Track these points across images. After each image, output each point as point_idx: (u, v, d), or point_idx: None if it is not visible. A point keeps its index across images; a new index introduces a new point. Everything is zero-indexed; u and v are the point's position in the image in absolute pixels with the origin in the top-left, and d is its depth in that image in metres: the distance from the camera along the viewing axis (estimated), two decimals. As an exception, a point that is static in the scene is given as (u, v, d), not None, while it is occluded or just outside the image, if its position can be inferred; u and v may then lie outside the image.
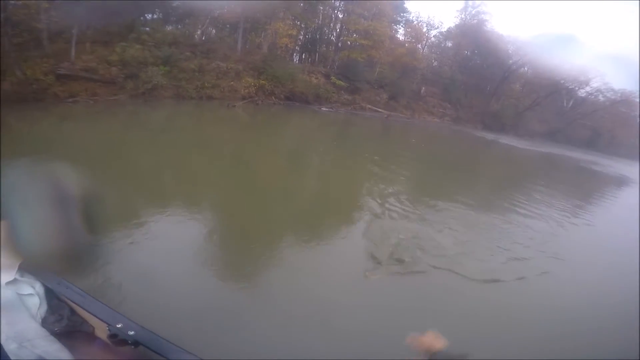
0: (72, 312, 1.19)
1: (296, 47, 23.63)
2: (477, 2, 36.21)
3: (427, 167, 11.85)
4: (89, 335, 1.19)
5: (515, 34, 38.74)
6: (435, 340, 1.09)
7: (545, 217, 7.89)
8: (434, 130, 24.67)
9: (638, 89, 42.07)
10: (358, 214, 6.17)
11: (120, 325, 1.12)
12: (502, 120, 32.93)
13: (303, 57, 24.84)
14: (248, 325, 2.86)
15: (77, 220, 0.95)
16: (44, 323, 1.07)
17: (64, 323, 1.14)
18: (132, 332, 1.10)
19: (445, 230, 5.85)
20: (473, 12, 36.32)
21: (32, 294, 1.09)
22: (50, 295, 1.15)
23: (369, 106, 23.87)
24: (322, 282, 3.82)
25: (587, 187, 16.04)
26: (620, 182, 20.04)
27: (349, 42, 25.79)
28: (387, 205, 6.52)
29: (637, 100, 43.53)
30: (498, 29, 37.65)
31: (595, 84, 39.96)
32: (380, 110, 24.34)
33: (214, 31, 20.18)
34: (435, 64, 33.72)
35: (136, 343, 1.09)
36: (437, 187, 9.02)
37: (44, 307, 1.10)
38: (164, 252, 3.70)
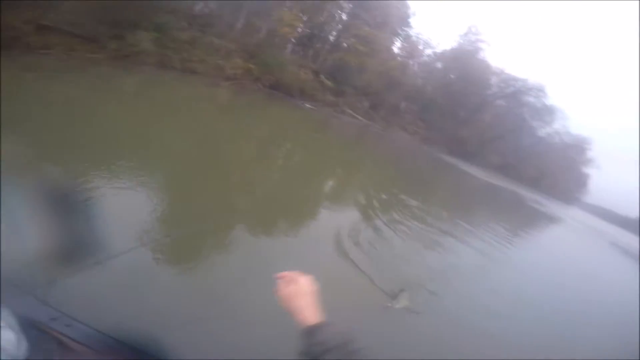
0: (61, 346, 0.88)
1: (292, 39, 23.02)
2: (480, 29, 36.94)
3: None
4: None
5: (502, 66, 39.69)
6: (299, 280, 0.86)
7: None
8: (402, 147, 25.36)
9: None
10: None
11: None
12: (466, 147, 34.32)
13: (296, 50, 24.26)
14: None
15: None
16: None
17: None
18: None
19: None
20: (473, 38, 36.96)
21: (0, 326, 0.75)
22: (27, 324, 0.81)
23: (350, 111, 24.05)
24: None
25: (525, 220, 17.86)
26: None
27: (345, 45, 25.49)
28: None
29: (586, 147, 47.16)
30: (488, 60, 38.62)
31: (556, 125, 42.75)
32: (359, 117, 24.59)
33: (215, 6, 19.15)
34: (420, 82, 34.16)
35: None
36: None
37: (24, 345, 0.77)
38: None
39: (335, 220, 6.18)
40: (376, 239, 5.96)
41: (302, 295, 0.83)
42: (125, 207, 3.85)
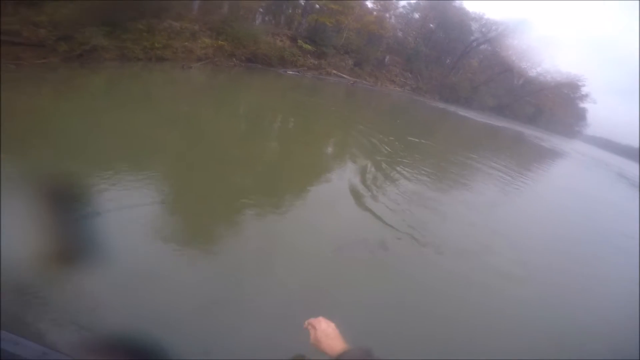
0: None
1: (259, 9, 21.46)
2: None
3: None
4: None
5: (481, 11, 37.66)
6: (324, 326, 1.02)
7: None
8: (396, 98, 24.28)
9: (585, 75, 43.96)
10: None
11: None
12: (458, 92, 33.04)
13: (266, 19, 22.70)
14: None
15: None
16: None
17: None
18: None
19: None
20: None
21: None
22: None
23: (335, 72, 22.74)
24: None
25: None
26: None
27: (317, 6, 23.85)
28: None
29: (580, 84, 45.61)
30: (466, 6, 36.72)
31: (545, 65, 40.98)
32: (345, 76, 23.31)
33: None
34: (400, 34, 32.50)
35: None
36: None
37: None
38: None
39: (347, 172, 6.03)
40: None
41: (327, 336, 0.99)
42: (124, 201, 3.44)
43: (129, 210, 3.28)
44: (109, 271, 2.32)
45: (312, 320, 1.04)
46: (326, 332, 0.99)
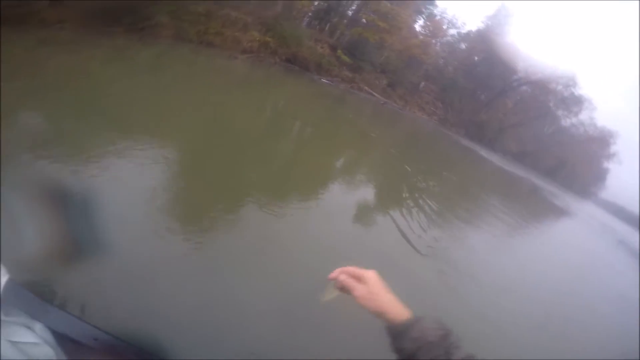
0: (95, 355, 0.82)
1: (309, 13, 21.80)
2: (510, 11, 33.97)
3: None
4: None
5: (530, 51, 36.40)
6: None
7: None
8: (419, 127, 24.32)
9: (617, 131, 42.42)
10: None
11: None
12: (485, 132, 32.64)
13: (313, 23, 23.01)
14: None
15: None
16: None
17: None
18: None
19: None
20: (502, 20, 34.03)
21: (36, 342, 0.66)
22: (63, 340, 0.74)
23: (367, 88, 22.96)
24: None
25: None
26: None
27: (364, 20, 23.99)
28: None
29: (611, 141, 44.01)
30: (516, 44, 35.57)
31: (582, 116, 39.71)
32: (376, 94, 23.50)
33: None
34: (441, 62, 32.22)
35: None
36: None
37: (62, 358, 0.70)
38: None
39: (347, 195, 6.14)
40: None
41: (381, 292, 0.73)
42: (142, 180, 3.65)
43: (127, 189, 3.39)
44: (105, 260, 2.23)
45: (358, 270, 0.75)
46: (380, 287, 0.74)
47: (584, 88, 37.74)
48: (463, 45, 34.55)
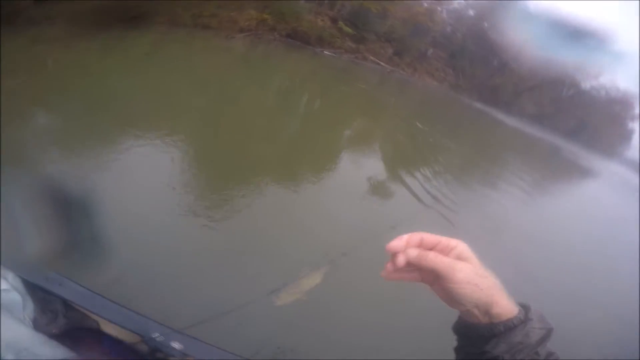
0: (67, 306, 0.90)
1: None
2: None
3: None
4: (94, 332, 0.93)
5: (545, 14, 33.88)
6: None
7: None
8: (431, 92, 23.41)
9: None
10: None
11: (143, 332, 0.90)
12: (500, 95, 31.06)
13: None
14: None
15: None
16: (36, 326, 0.77)
17: (61, 322, 0.86)
18: (156, 335, 0.92)
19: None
20: None
21: (7, 289, 0.74)
22: (34, 289, 0.83)
23: (372, 58, 22.12)
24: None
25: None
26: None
27: (365, -11, 22.88)
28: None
29: (635, 104, 41.14)
30: (532, 6, 33.09)
31: (603, 79, 37.27)
32: (382, 63, 22.62)
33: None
34: (449, 29, 30.60)
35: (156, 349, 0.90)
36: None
37: (30, 306, 0.78)
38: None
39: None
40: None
41: (487, 273, 0.50)
42: (151, 164, 3.77)
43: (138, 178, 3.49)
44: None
45: (443, 239, 0.50)
46: (480, 268, 0.50)
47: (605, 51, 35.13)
48: (471, 12, 32.69)
